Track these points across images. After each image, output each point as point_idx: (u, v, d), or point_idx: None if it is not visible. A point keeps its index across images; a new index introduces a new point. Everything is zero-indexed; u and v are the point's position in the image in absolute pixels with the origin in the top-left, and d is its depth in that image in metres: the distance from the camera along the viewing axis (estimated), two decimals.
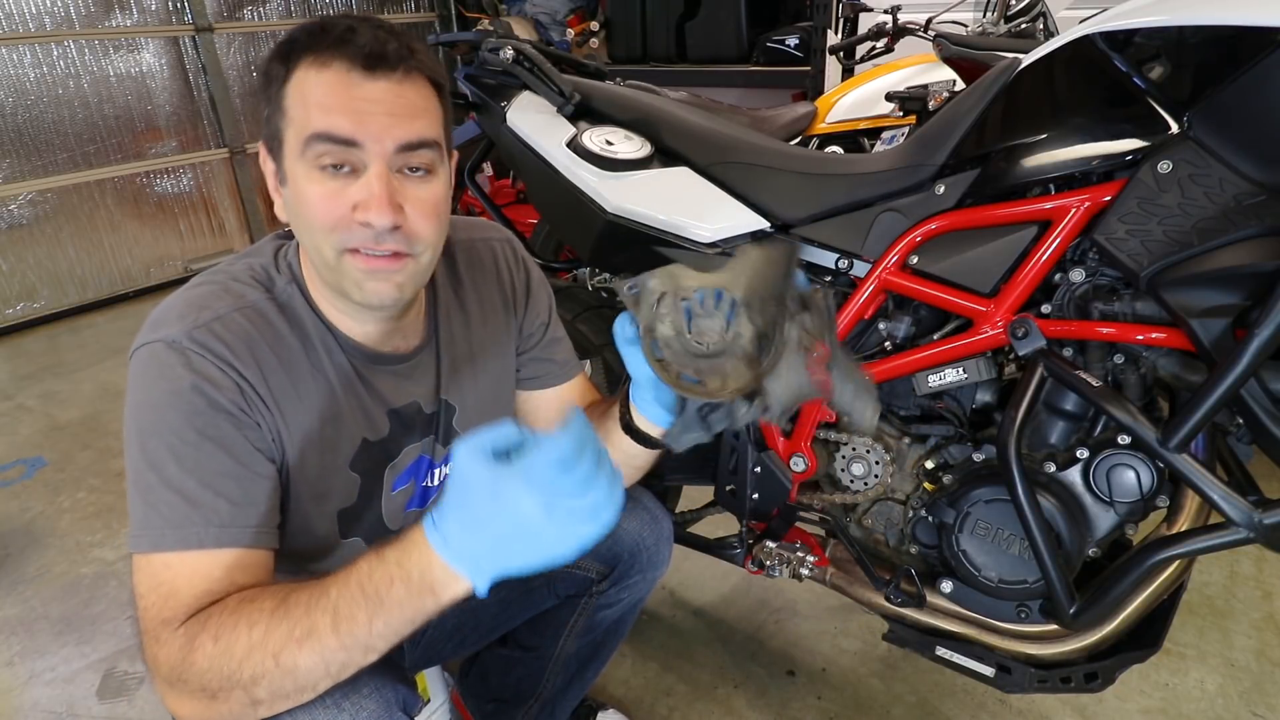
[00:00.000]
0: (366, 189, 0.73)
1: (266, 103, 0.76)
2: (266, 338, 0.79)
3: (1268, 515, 0.88)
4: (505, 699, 1.25)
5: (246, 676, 0.64)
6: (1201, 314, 0.89)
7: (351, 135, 0.72)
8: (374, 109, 0.72)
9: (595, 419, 0.98)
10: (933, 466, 1.15)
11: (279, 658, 0.64)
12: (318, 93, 0.72)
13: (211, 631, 0.66)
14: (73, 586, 1.89)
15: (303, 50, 0.73)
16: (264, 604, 0.67)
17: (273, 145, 0.77)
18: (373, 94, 0.72)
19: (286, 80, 0.74)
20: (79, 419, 2.71)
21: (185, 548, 0.72)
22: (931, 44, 2.20)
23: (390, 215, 0.73)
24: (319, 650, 0.64)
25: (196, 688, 0.66)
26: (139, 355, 0.76)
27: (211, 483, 0.73)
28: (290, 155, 0.75)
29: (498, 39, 1.40)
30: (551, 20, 4.68)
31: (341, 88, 0.72)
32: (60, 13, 3.47)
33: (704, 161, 1.29)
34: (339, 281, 0.78)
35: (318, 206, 0.73)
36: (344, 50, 0.72)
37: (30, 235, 3.53)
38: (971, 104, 1.10)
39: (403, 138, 0.73)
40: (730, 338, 0.75)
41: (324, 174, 0.73)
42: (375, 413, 0.88)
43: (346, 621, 0.64)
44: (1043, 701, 1.47)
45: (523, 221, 2.94)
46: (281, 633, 0.64)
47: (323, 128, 0.71)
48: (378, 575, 0.64)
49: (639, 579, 1.12)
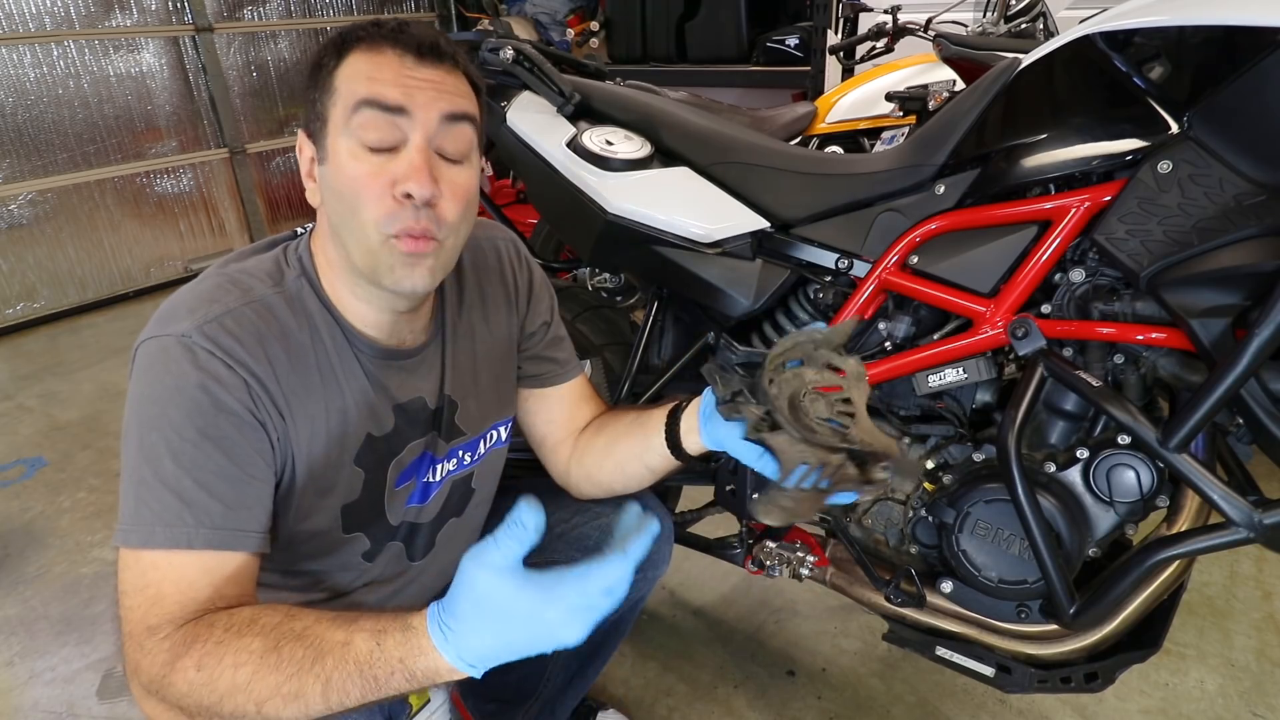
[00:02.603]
0: (407, 161, 0.75)
1: (314, 88, 0.79)
2: (275, 333, 0.79)
3: (1268, 515, 0.88)
4: (505, 699, 1.25)
5: (226, 712, 0.65)
6: (1201, 314, 0.89)
7: (399, 102, 0.75)
8: (422, 84, 0.76)
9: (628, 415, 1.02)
10: (933, 466, 1.15)
11: (262, 707, 0.64)
12: (371, 68, 0.76)
13: (195, 658, 0.66)
14: (73, 586, 1.89)
15: (356, 41, 0.77)
16: (253, 643, 0.66)
17: (314, 127, 0.79)
18: (421, 73, 0.77)
19: (338, 66, 0.77)
20: (79, 419, 2.71)
21: (174, 547, 0.71)
22: (931, 44, 2.20)
23: (430, 185, 0.75)
24: (305, 712, 0.65)
25: (173, 704, 0.67)
26: (146, 348, 0.76)
27: (207, 483, 0.73)
28: (334, 129, 0.77)
29: (498, 39, 1.40)
30: (551, 20, 4.68)
31: (397, 65, 0.76)
32: (60, 13, 3.47)
33: (704, 161, 1.29)
34: (374, 266, 0.78)
35: (361, 182, 0.75)
36: (398, 39, 0.77)
37: (30, 235, 3.53)
38: (971, 104, 1.10)
39: (447, 108, 0.77)
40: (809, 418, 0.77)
41: (366, 152, 0.75)
42: (381, 408, 0.88)
43: (338, 694, 0.64)
44: (1043, 701, 1.47)
45: (523, 221, 2.94)
46: (269, 685, 0.64)
47: (372, 94, 0.75)
48: (378, 665, 0.64)
49: (638, 578, 1.11)
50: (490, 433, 1.02)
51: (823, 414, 0.76)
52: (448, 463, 0.98)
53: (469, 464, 1.01)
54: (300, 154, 0.82)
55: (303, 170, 0.82)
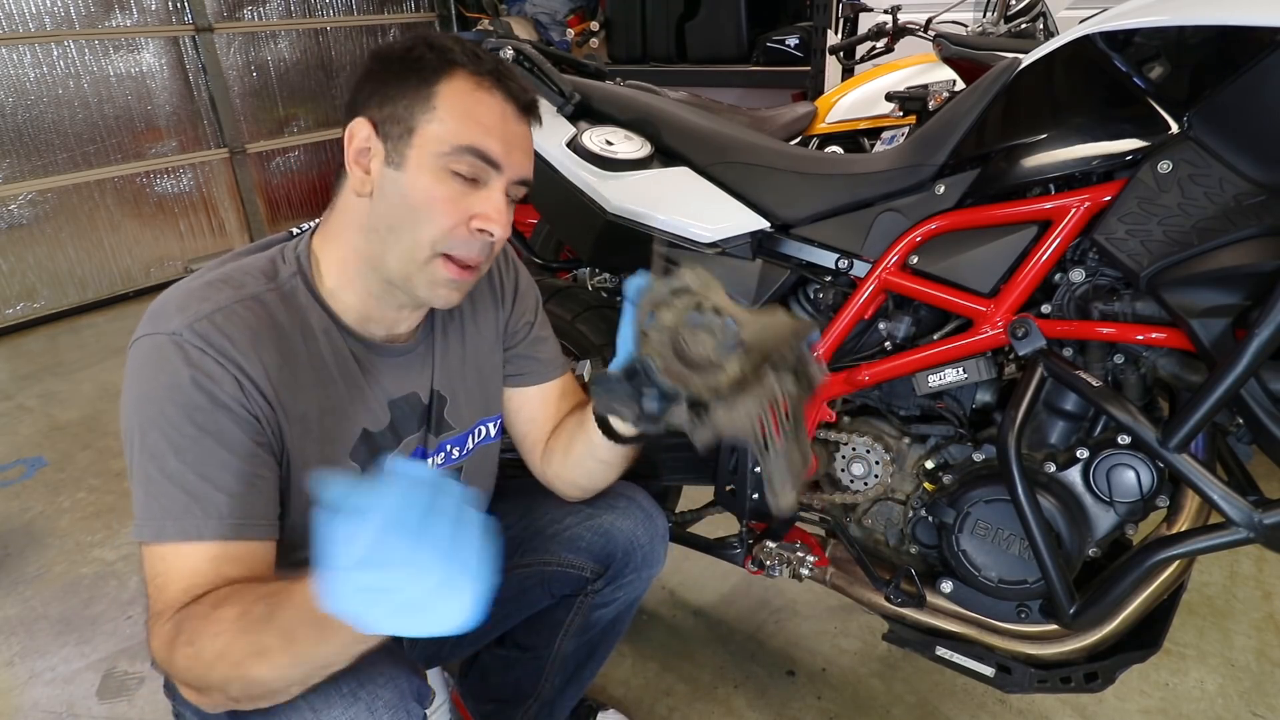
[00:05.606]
0: (493, 203, 0.82)
1: (401, 90, 0.81)
2: (267, 329, 0.79)
3: (1268, 515, 0.88)
4: (504, 699, 1.25)
5: (217, 681, 0.67)
6: (1201, 314, 0.89)
7: (499, 159, 0.82)
8: (517, 144, 0.85)
9: (575, 415, 1.03)
10: (933, 466, 1.15)
11: (241, 668, 0.65)
12: (481, 112, 0.81)
13: (186, 635, 0.68)
14: (73, 586, 1.89)
15: (460, 62, 0.81)
16: (229, 611, 0.67)
17: (393, 130, 0.81)
18: (519, 131, 0.85)
19: (440, 79, 0.80)
20: (79, 419, 2.71)
21: (184, 539, 0.73)
22: (931, 44, 2.20)
23: (506, 229, 0.83)
24: (275, 667, 0.65)
25: (181, 681, 0.70)
26: (139, 346, 0.77)
27: (210, 476, 0.74)
28: (425, 149, 0.80)
29: (498, 39, 1.41)
30: (551, 20, 4.68)
31: (501, 118, 0.83)
32: (60, 13, 3.47)
33: (704, 161, 1.29)
34: (411, 275, 0.83)
35: (441, 206, 0.80)
36: (504, 86, 0.83)
37: (30, 235, 3.53)
38: (971, 104, 1.10)
39: (526, 174, 0.86)
40: (714, 360, 0.76)
41: (451, 178, 0.80)
42: (376, 403, 0.90)
43: (300, 643, 0.63)
44: (1043, 701, 1.47)
45: (523, 221, 2.92)
46: (242, 646, 0.65)
47: (481, 145, 0.80)
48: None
49: (634, 578, 1.12)
50: (478, 428, 1.04)
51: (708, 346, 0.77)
52: (436, 456, 1.00)
53: (457, 459, 1.03)
54: (351, 139, 0.82)
55: (350, 154, 0.82)
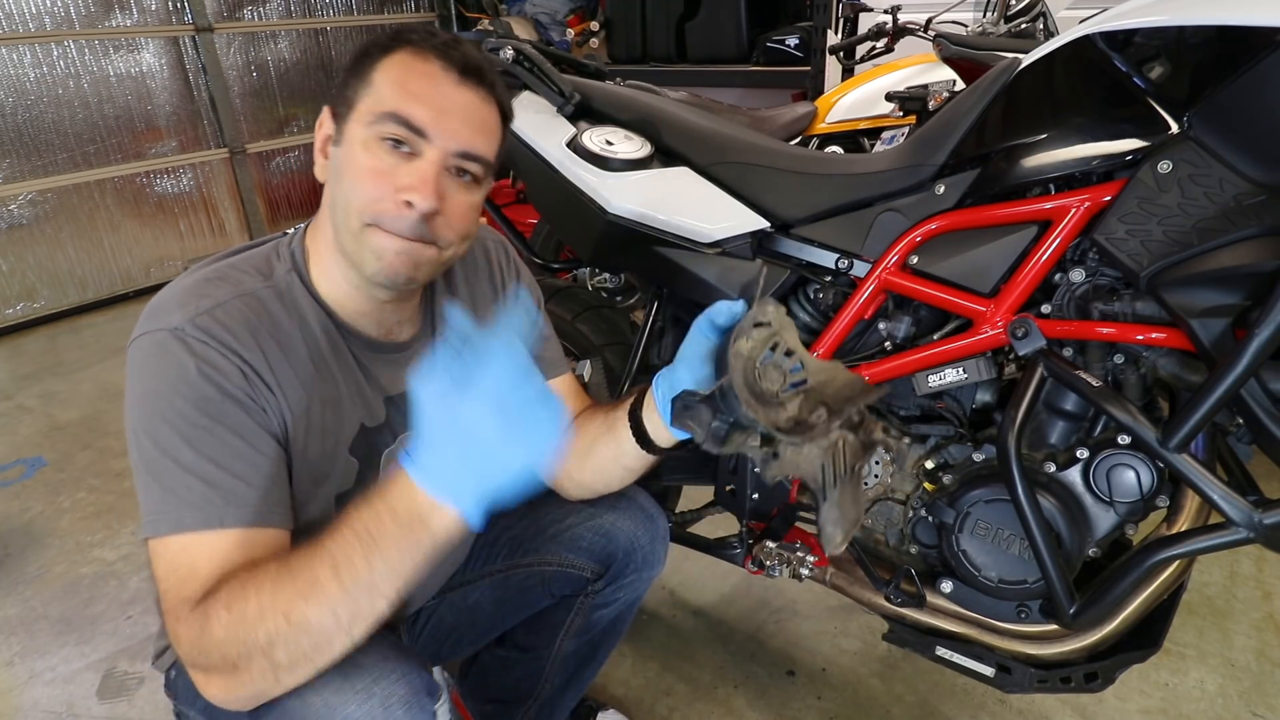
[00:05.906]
0: (418, 172, 0.77)
1: (351, 72, 0.81)
2: (265, 324, 0.80)
3: (1268, 515, 0.88)
4: (504, 699, 1.25)
5: (262, 639, 0.66)
6: (1201, 314, 0.89)
7: (423, 126, 0.77)
8: (452, 110, 0.78)
9: (598, 418, 1.01)
10: (933, 466, 1.15)
11: (289, 615, 0.65)
12: (407, 76, 0.78)
13: (224, 601, 0.68)
14: (73, 586, 1.89)
15: (405, 41, 0.79)
16: (268, 568, 0.69)
17: (340, 110, 0.81)
18: (456, 98, 0.79)
19: (381, 59, 0.79)
20: (79, 419, 2.71)
21: (207, 527, 0.73)
22: (931, 44, 2.20)
23: (433, 200, 0.78)
24: (325, 601, 0.65)
25: (218, 660, 0.68)
26: (140, 344, 0.77)
27: (227, 465, 0.74)
28: (357, 120, 0.79)
29: (497, 39, 1.40)
30: (551, 20, 4.68)
31: (431, 81, 0.78)
32: (60, 13, 3.47)
33: (704, 161, 1.29)
34: (358, 251, 0.81)
35: (366, 175, 0.78)
36: (446, 53, 0.79)
37: (30, 235, 3.53)
38: (971, 104, 1.10)
39: (465, 147, 0.80)
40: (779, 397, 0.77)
41: (381, 147, 0.78)
42: (373, 399, 0.91)
43: (346, 566, 0.65)
44: (1043, 701, 1.47)
45: (523, 221, 2.93)
46: (287, 591, 0.66)
47: (402, 110, 0.76)
48: (367, 516, 0.66)
49: (634, 578, 1.12)
50: None
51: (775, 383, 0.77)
52: None
53: None
54: (319, 128, 0.84)
55: (316, 145, 0.85)
